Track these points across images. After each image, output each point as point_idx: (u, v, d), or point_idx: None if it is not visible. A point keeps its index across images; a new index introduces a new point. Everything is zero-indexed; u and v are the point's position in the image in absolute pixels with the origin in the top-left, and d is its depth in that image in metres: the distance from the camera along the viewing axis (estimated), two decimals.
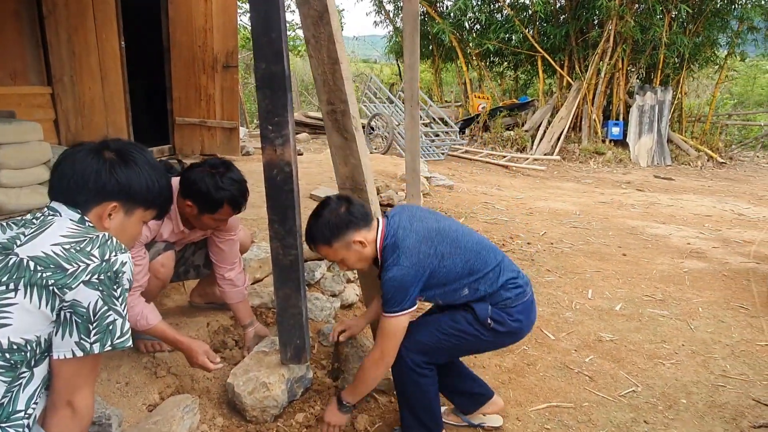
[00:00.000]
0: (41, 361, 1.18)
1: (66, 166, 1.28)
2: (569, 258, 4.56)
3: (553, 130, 11.51)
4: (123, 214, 1.33)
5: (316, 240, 1.91)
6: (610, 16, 10.80)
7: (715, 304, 3.69)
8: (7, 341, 1.09)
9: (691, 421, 2.37)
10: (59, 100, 4.58)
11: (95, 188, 1.27)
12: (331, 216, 1.88)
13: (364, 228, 1.90)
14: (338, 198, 1.96)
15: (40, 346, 1.15)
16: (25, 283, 1.11)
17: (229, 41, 6.07)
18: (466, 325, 1.94)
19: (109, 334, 1.18)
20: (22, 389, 1.14)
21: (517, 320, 1.95)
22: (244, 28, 13.85)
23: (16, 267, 1.12)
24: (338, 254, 1.93)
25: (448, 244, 1.90)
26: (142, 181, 1.33)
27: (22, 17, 4.25)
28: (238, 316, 2.44)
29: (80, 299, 1.14)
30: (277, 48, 1.77)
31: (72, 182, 1.26)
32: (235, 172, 2.10)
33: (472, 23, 13.71)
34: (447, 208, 5.90)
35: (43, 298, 1.12)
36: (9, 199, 3.37)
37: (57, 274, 1.13)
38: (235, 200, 2.08)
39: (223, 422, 2.05)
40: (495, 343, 2.04)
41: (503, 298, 1.93)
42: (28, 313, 1.11)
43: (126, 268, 1.21)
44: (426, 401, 2.00)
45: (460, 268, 1.90)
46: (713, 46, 12.62)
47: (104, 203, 1.29)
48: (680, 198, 7.95)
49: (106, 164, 1.29)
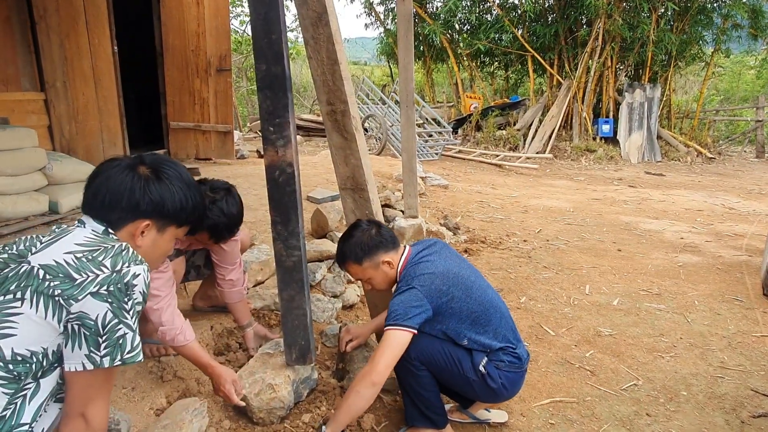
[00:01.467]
0: (49, 373, 1.14)
1: (100, 182, 1.26)
2: (565, 254, 4.59)
3: (544, 129, 11.58)
4: (155, 232, 1.33)
5: (347, 258, 2.06)
6: (599, 14, 10.90)
7: (710, 297, 3.73)
8: (10, 352, 1.05)
9: (692, 412, 2.40)
10: (52, 106, 4.55)
11: (128, 207, 1.26)
12: (363, 236, 2.05)
13: (392, 250, 2.07)
14: (369, 221, 2.13)
15: (47, 358, 1.11)
16: (32, 292, 1.08)
17: (222, 45, 6.06)
18: (464, 358, 1.99)
19: (119, 348, 1.14)
20: (27, 401, 1.10)
21: (503, 385, 1.99)
22: (235, 31, 13.82)
23: (25, 275, 1.10)
24: (366, 273, 2.08)
25: (461, 290, 1.97)
26: (175, 199, 1.32)
27: (12, 23, 4.21)
28: (236, 316, 2.43)
29: (87, 311, 1.10)
30: (278, 49, 1.76)
31: (106, 200, 1.25)
32: (230, 202, 2.06)
33: (462, 24, 13.78)
34: (443, 207, 5.92)
35: (49, 309, 1.08)
36: (5, 206, 3.34)
37: (64, 284, 1.09)
38: (217, 231, 2.05)
39: (230, 425, 2.05)
40: (476, 390, 2.03)
41: (499, 358, 1.99)
42: (35, 323, 1.08)
43: (138, 281, 1.17)
44: (425, 394, 2.04)
45: (465, 316, 1.97)
46: (699, 43, 12.76)
47: (137, 221, 1.28)
48: (672, 193, 8.03)
49: (140, 182, 1.28)
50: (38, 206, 3.55)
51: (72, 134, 4.76)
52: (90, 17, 4.79)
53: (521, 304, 3.53)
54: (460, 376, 2.00)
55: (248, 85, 16.43)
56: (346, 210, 2.43)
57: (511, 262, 4.35)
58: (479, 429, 2.24)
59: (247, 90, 16.40)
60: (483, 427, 2.25)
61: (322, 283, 3.12)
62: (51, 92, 4.54)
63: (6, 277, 1.10)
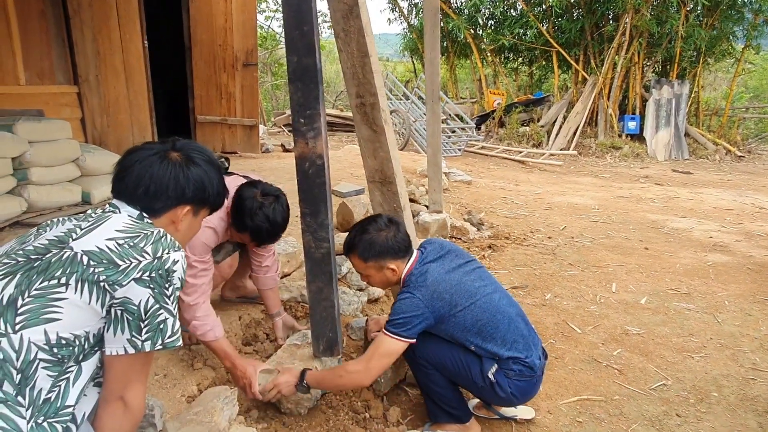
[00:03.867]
0: (90, 356, 1.16)
1: (141, 171, 1.28)
2: (591, 252, 4.54)
3: (568, 126, 11.43)
4: (192, 216, 1.36)
5: (354, 250, 2.02)
6: (626, 9, 10.69)
7: (741, 298, 3.65)
8: (55, 336, 1.08)
9: (723, 414, 2.35)
10: (85, 99, 4.65)
11: (175, 194, 1.30)
12: (378, 237, 1.99)
13: (401, 258, 2.02)
14: (389, 220, 2.05)
15: (88, 341, 1.14)
16: (77, 279, 1.10)
17: (248, 40, 6.12)
18: (472, 364, 1.97)
19: (160, 333, 1.17)
20: (71, 384, 1.13)
21: (512, 394, 1.96)
22: (261, 27, 13.92)
23: (69, 261, 1.11)
24: (367, 270, 2.05)
25: (464, 298, 1.93)
26: (211, 183, 1.36)
27: (48, 17, 4.31)
28: (268, 303, 2.45)
29: (131, 297, 1.13)
30: (309, 41, 1.77)
31: (150, 189, 1.27)
32: (276, 210, 2.08)
33: (487, 19, 13.65)
34: (466, 202, 5.90)
35: (93, 294, 1.10)
36: (40, 196, 3.43)
37: (109, 270, 1.12)
38: (260, 236, 2.09)
39: (258, 414, 2.07)
40: (486, 396, 2.03)
41: (509, 367, 1.96)
42: (78, 308, 1.10)
43: (178, 267, 1.20)
44: (440, 390, 2.04)
45: (470, 324, 1.93)
46: (730, 39, 12.44)
47: (179, 207, 1.31)
48: (700, 192, 7.86)
49: (181, 168, 1.30)
50: (71, 197, 3.63)
51: (103, 127, 4.86)
52: (122, 12, 4.88)
53: (546, 301, 3.50)
54: (469, 381, 1.99)
55: (273, 80, 16.55)
56: (374, 203, 2.43)
57: (535, 258, 4.31)
58: (506, 425, 2.23)
59: (271, 85, 16.52)
60: (510, 423, 2.24)
61: (348, 276, 3.14)
62: (84, 86, 4.64)
63: (49, 262, 1.12)
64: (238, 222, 2.07)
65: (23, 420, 1.03)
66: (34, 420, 1.05)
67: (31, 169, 3.41)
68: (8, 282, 1.10)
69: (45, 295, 1.08)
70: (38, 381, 1.07)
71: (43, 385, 1.08)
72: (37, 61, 4.25)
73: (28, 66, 4.20)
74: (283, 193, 2.16)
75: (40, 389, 1.07)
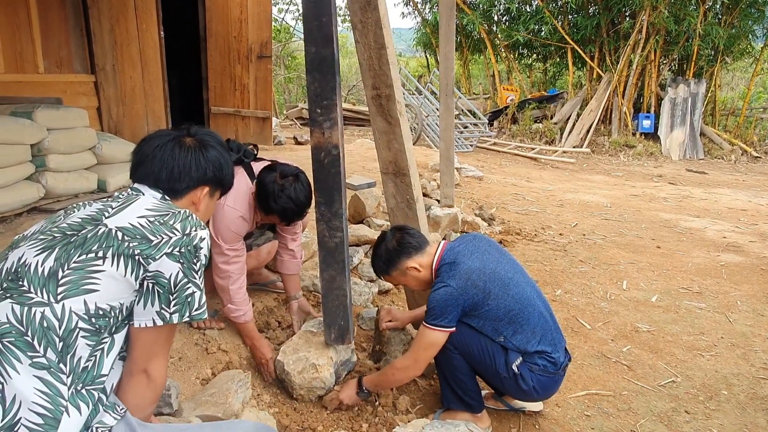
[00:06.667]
0: (122, 328, 1.22)
1: (165, 156, 1.34)
2: (602, 249, 4.53)
3: (582, 123, 11.35)
4: (209, 197, 1.43)
5: (378, 272, 2.18)
6: (643, 6, 10.58)
7: (753, 298, 3.63)
8: (94, 306, 1.14)
9: (732, 412, 2.35)
10: (102, 88, 4.70)
11: (197, 176, 1.37)
12: (383, 250, 2.10)
13: (416, 254, 2.08)
14: (392, 230, 2.15)
15: (122, 313, 1.19)
16: (113, 252, 1.16)
17: (263, 32, 6.14)
18: (498, 354, 1.99)
19: (188, 306, 1.23)
20: (105, 354, 1.18)
21: (534, 388, 1.98)
22: (275, 19, 13.95)
23: (105, 236, 1.18)
24: (398, 280, 2.16)
25: (497, 286, 1.95)
26: (226, 164, 1.44)
27: (66, 6, 4.36)
28: (288, 286, 2.52)
29: (163, 270, 1.19)
30: (327, 32, 1.78)
31: (175, 171, 1.34)
32: (298, 189, 2.11)
33: (501, 15, 13.57)
34: (478, 198, 5.90)
35: (129, 267, 1.16)
36: (57, 183, 3.48)
37: (142, 245, 1.18)
38: (286, 215, 2.14)
39: (270, 399, 2.11)
40: (506, 387, 2.04)
41: (534, 361, 1.97)
42: (114, 280, 1.16)
43: (204, 244, 1.26)
44: (461, 377, 2.06)
45: (502, 314, 1.95)
46: (749, 38, 12.26)
47: (200, 188, 1.38)
48: (714, 192, 7.79)
49: (200, 152, 1.38)
50: (88, 184, 3.68)
51: (119, 116, 4.92)
52: (139, 3, 4.92)
53: (556, 296, 3.50)
54: (492, 370, 2.00)
55: (285, 72, 16.58)
56: (387, 194, 2.45)
57: (546, 254, 4.31)
58: (515, 417, 2.25)
59: (284, 78, 16.55)
60: (518, 415, 2.26)
61: (359, 268, 3.16)
62: (101, 75, 4.69)
63: (85, 237, 1.18)
64: (264, 206, 2.12)
65: (64, 386, 1.09)
66: (74, 387, 1.11)
67: (49, 156, 3.46)
68: (47, 256, 1.15)
69: (83, 268, 1.14)
70: (78, 349, 1.13)
71: (82, 354, 1.13)
72: (55, 49, 4.31)
73: (47, 54, 4.25)
74: (302, 170, 2.19)
75: (79, 357, 1.13)
